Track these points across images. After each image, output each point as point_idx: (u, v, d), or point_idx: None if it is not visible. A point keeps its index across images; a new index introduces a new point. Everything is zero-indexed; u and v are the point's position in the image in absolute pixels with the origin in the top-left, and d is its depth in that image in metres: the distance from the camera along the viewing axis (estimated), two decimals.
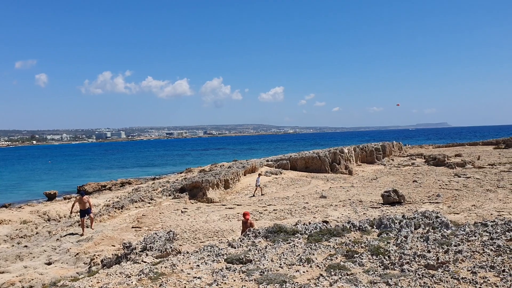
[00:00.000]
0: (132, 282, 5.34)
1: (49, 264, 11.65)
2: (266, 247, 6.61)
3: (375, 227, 7.64)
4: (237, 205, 19.41)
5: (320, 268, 5.52)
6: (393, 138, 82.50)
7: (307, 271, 5.44)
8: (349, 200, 19.39)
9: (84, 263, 11.32)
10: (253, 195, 22.30)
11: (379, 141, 52.17)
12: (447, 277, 4.72)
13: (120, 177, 43.64)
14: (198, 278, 5.33)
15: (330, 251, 6.26)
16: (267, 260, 5.94)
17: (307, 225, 8.03)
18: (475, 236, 6.12)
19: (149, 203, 20.16)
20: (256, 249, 6.51)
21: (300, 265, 5.69)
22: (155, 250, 7.99)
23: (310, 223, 8.32)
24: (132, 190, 28.83)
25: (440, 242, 5.93)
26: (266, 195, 22.20)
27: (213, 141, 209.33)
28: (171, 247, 7.99)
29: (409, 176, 27.55)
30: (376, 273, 5.10)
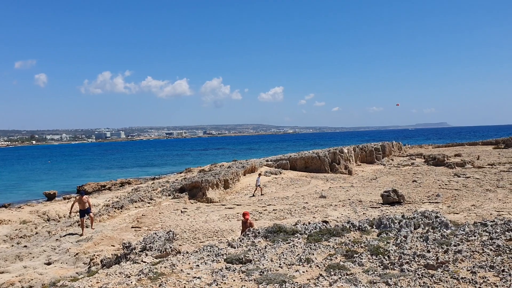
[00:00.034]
0: (131, 282, 5.34)
1: (48, 264, 11.65)
2: (265, 247, 6.61)
3: (374, 227, 7.64)
4: (237, 205, 19.41)
5: (319, 268, 5.52)
6: (393, 138, 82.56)
7: (306, 271, 5.44)
8: (349, 200, 19.39)
9: (83, 263, 11.32)
10: (253, 195, 22.30)
11: (378, 141, 52.21)
12: (446, 277, 4.72)
13: (120, 177, 43.62)
14: (198, 278, 5.33)
15: (330, 251, 6.26)
16: (266, 260, 5.94)
17: (306, 225, 8.03)
18: (475, 236, 6.12)
19: (149, 203, 20.16)
20: (256, 249, 6.51)
21: (299, 265, 5.69)
22: (155, 250, 7.99)
23: (309, 223, 8.32)
24: (132, 190, 28.82)
25: (440, 242, 5.93)
26: (265, 195, 22.20)
27: (212, 141, 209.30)
28: (170, 247, 7.99)
29: (408, 176, 27.56)
30: (375, 273, 5.10)
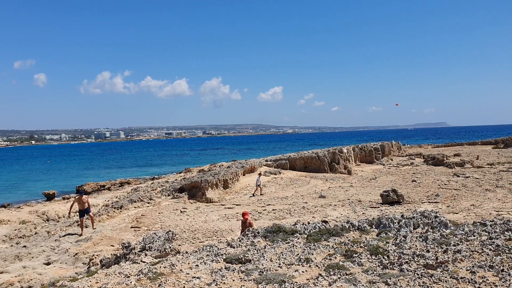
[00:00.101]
0: (131, 282, 5.34)
1: (48, 264, 11.64)
2: (265, 247, 6.60)
3: (374, 227, 7.64)
4: (236, 205, 19.40)
5: (319, 268, 5.51)
6: (392, 137, 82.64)
7: (306, 271, 5.43)
8: (348, 200, 19.40)
9: (83, 263, 11.31)
10: (252, 194, 22.30)
11: (378, 140, 52.23)
12: (446, 277, 4.72)
13: (119, 177, 43.59)
14: (197, 278, 5.33)
15: (329, 250, 6.26)
16: (266, 260, 5.94)
17: (306, 225, 8.04)
18: (474, 236, 6.12)
19: (148, 203, 20.15)
20: (255, 249, 6.51)
21: (299, 265, 5.69)
22: (154, 250, 7.99)
23: (309, 223, 8.32)
24: (131, 190, 28.80)
25: (439, 242, 5.93)
26: (265, 195, 22.20)
27: (212, 141, 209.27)
28: (170, 247, 7.98)
29: (408, 176, 27.57)
30: (375, 273, 5.09)
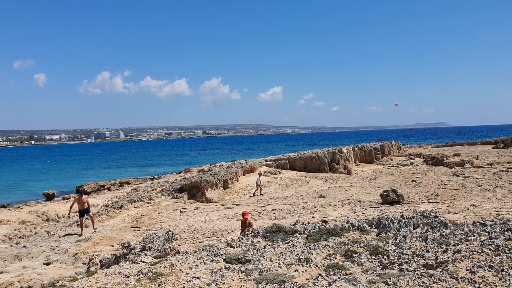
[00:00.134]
0: (131, 282, 5.33)
1: (47, 264, 11.63)
2: (265, 247, 6.60)
3: (374, 227, 7.64)
4: (236, 205, 19.40)
5: (319, 267, 5.51)
6: (392, 137, 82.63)
7: (306, 271, 5.43)
8: (348, 199, 19.40)
9: (82, 263, 11.30)
10: (253, 194, 22.32)
11: (378, 140, 52.23)
12: (446, 277, 4.72)
13: (119, 177, 43.58)
14: (197, 278, 5.33)
15: (329, 250, 6.26)
16: (266, 260, 5.94)
17: (306, 225, 8.04)
18: (474, 236, 6.12)
19: (148, 203, 20.14)
20: (255, 249, 6.51)
21: (299, 264, 5.69)
22: (154, 250, 7.98)
23: (309, 223, 8.32)
24: (131, 190, 28.79)
25: (439, 242, 5.93)
26: (265, 195, 22.20)
27: (211, 141, 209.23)
28: (170, 247, 7.98)
29: (408, 176, 27.58)
30: (375, 272, 5.09)
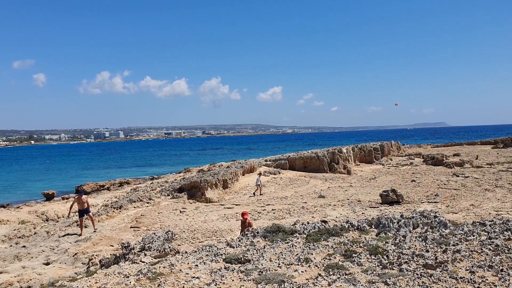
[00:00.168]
0: (130, 282, 5.33)
1: (47, 264, 11.62)
2: (264, 247, 6.60)
3: (373, 227, 7.64)
4: (236, 205, 19.40)
5: (318, 267, 5.51)
6: (392, 137, 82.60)
7: (305, 270, 5.43)
8: (348, 199, 19.40)
9: (82, 263, 11.30)
10: (253, 194, 22.33)
11: (377, 140, 52.24)
12: (445, 277, 4.72)
13: (119, 177, 43.55)
14: (197, 278, 5.32)
15: (329, 250, 6.26)
16: (265, 260, 5.94)
17: (305, 224, 8.04)
18: (474, 236, 6.12)
19: (148, 203, 20.13)
20: (255, 249, 6.51)
21: (298, 264, 5.69)
22: (154, 250, 7.98)
23: (308, 222, 8.33)
24: (131, 190, 28.78)
25: (439, 242, 5.93)
26: (264, 195, 22.20)
27: (211, 141, 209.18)
28: (169, 247, 7.98)
29: (407, 176, 27.58)
30: (374, 272, 5.09)
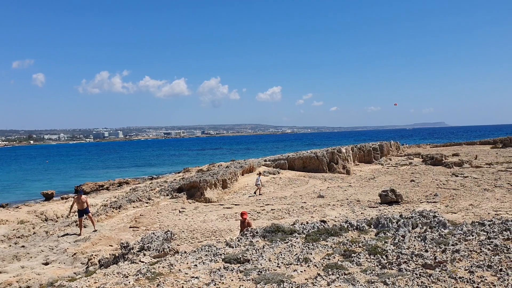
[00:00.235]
0: (129, 282, 5.33)
1: (46, 264, 11.62)
2: (263, 247, 6.60)
3: (372, 227, 7.65)
4: (235, 204, 19.40)
5: (317, 267, 5.51)
6: (391, 137, 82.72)
7: (304, 270, 5.43)
8: (347, 199, 19.41)
9: (81, 263, 11.29)
10: (254, 193, 22.34)
11: (376, 140, 52.27)
12: (444, 277, 4.73)
13: (118, 177, 43.52)
14: (196, 278, 5.32)
15: (328, 250, 6.26)
16: (264, 259, 5.94)
17: (304, 224, 8.04)
18: (473, 236, 6.13)
19: (147, 203, 20.13)
20: (254, 249, 6.51)
21: (297, 264, 5.69)
22: (153, 250, 7.98)
23: (307, 222, 8.33)
24: (130, 190, 28.77)
25: (438, 242, 5.94)
26: (264, 194, 22.21)
27: (210, 141, 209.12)
28: (168, 247, 7.98)
29: (406, 176, 27.60)
30: (373, 272, 5.10)
